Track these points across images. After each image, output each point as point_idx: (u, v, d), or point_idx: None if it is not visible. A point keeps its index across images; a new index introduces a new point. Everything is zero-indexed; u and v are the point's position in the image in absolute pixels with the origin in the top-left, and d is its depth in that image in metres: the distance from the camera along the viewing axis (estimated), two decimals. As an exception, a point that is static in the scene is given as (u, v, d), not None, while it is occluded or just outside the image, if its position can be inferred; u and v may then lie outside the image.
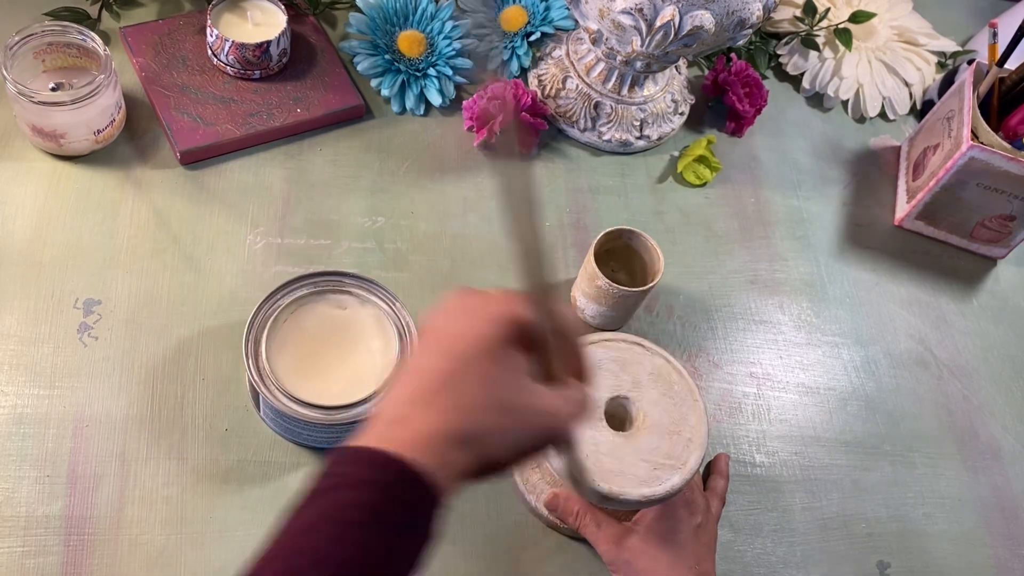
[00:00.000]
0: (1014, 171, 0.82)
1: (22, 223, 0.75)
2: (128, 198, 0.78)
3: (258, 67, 0.84)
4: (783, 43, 1.01)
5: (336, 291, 0.68)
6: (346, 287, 0.69)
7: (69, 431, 0.67)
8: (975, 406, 0.83)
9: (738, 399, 0.79)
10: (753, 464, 0.76)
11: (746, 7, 0.76)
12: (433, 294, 0.79)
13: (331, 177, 0.83)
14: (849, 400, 0.81)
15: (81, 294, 0.73)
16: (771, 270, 0.87)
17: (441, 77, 0.89)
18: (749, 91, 0.93)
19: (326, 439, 0.68)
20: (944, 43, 1.04)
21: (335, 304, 0.68)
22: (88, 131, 0.77)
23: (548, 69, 0.92)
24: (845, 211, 0.93)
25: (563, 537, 0.70)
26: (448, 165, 0.87)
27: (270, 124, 0.83)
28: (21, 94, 0.72)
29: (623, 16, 0.76)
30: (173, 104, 0.82)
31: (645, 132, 0.91)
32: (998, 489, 0.79)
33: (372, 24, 0.88)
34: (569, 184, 0.88)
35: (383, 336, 0.68)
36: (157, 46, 0.85)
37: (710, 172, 0.90)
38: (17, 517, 0.63)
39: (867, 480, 0.77)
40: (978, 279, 0.92)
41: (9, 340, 0.70)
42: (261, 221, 0.79)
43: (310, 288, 0.68)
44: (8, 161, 0.78)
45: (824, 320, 0.86)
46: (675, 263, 0.85)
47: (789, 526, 0.74)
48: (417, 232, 0.82)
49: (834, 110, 1.01)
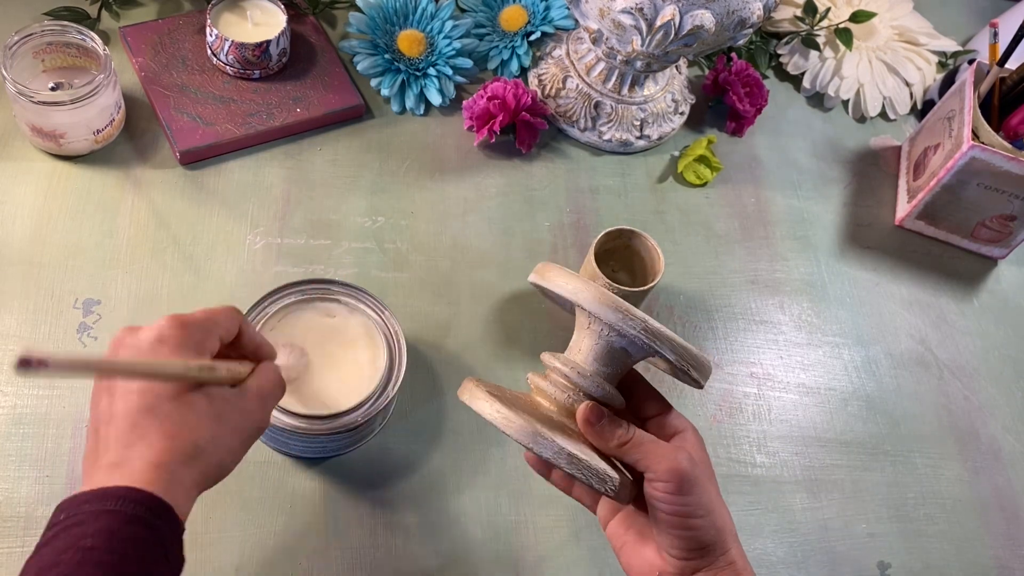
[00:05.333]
0: (1015, 171, 0.82)
1: (22, 223, 0.75)
2: (128, 198, 0.78)
3: (258, 67, 0.84)
4: (783, 43, 1.01)
5: (324, 299, 0.67)
6: (334, 295, 0.68)
7: (69, 431, 0.67)
8: (976, 406, 0.83)
9: (739, 399, 0.79)
10: (754, 464, 0.76)
11: (746, 7, 0.76)
12: (433, 294, 0.79)
13: (331, 177, 0.83)
14: (850, 400, 0.81)
15: (81, 294, 0.73)
16: (771, 270, 0.87)
17: (441, 77, 0.89)
18: (749, 91, 0.93)
19: (313, 449, 0.67)
20: (945, 43, 1.04)
21: (323, 312, 0.67)
22: (88, 131, 0.76)
23: (548, 69, 0.92)
24: (846, 211, 0.93)
25: (563, 538, 0.69)
26: (448, 165, 0.87)
27: (270, 124, 0.83)
28: (21, 94, 0.72)
29: (623, 15, 0.76)
30: (173, 104, 0.82)
31: (645, 132, 0.91)
32: (999, 489, 0.79)
33: (372, 23, 0.88)
34: (569, 184, 0.88)
35: (372, 345, 0.67)
36: (157, 46, 0.85)
37: (710, 172, 0.90)
38: (17, 517, 0.63)
39: (868, 480, 0.77)
40: (979, 279, 0.92)
41: (9, 340, 0.70)
42: (261, 221, 0.79)
43: (298, 296, 0.67)
44: (8, 161, 0.78)
45: (825, 320, 0.85)
46: (675, 263, 0.85)
47: (790, 526, 0.74)
48: (417, 232, 0.82)
49: (835, 110, 1.01)
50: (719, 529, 0.49)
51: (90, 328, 0.71)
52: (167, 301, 0.74)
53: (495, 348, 0.77)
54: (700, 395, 0.79)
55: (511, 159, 0.88)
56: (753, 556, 0.72)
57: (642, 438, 0.50)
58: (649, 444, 0.49)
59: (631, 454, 0.49)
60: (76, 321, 0.72)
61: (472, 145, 0.88)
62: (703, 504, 0.48)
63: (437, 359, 0.75)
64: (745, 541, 0.72)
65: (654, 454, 0.49)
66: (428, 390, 0.74)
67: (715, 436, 0.77)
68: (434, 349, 0.76)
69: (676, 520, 0.48)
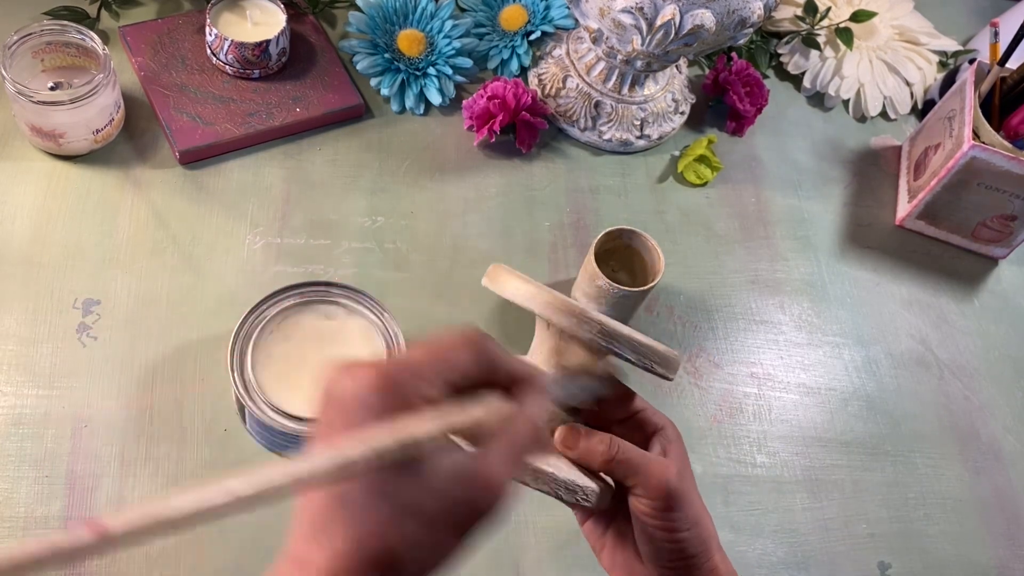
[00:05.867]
0: (1015, 171, 0.82)
1: (21, 223, 0.75)
2: (127, 198, 0.78)
3: (257, 66, 0.84)
4: (784, 42, 1.01)
5: (323, 301, 0.67)
6: (333, 297, 0.68)
7: (68, 431, 0.67)
8: (976, 406, 0.83)
9: (739, 399, 0.79)
10: (754, 464, 0.76)
11: (747, 6, 0.76)
12: (433, 294, 0.79)
13: (331, 177, 0.83)
14: (850, 400, 0.81)
15: (80, 294, 0.73)
16: (772, 270, 0.87)
17: (441, 76, 0.89)
18: (750, 90, 0.93)
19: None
20: (945, 42, 1.04)
21: (322, 315, 0.67)
22: (87, 131, 0.76)
23: (548, 68, 0.92)
24: (846, 211, 0.93)
25: (563, 538, 0.69)
26: (448, 165, 0.86)
27: (269, 123, 0.83)
28: (20, 93, 0.72)
29: (623, 15, 0.76)
30: (172, 103, 0.82)
31: (645, 131, 0.91)
32: (999, 490, 0.79)
33: (372, 23, 0.88)
34: (569, 184, 0.88)
35: (371, 347, 0.66)
36: (156, 45, 0.85)
37: (711, 172, 0.90)
38: (16, 517, 0.63)
39: (868, 480, 0.77)
40: (979, 279, 0.92)
41: (8, 340, 0.70)
42: (261, 221, 0.79)
43: (296, 299, 0.67)
44: (7, 161, 0.78)
45: (825, 320, 0.85)
46: (675, 263, 0.84)
47: (790, 526, 0.74)
48: (417, 232, 0.82)
49: (835, 109, 1.01)
50: (704, 539, 0.48)
51: (89, 328, 0.71)
52: (167, 301, 0.74)
53: (495, 348, 0.77)
54: (700, 395, 0.78)
55: (511, 159, 0.88)
56: (753, 556, 0.72)
57: (627, 453, 0.47)
58: (636, 460, 0.47)
59: (617, 471, 0.48)
60: (76, 321, 0.72)
61: (472, 145, 0.88)
62: (689, 518, 0.47)
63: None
64: (745, 541, 0.72)
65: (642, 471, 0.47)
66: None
67: (715, 436, 0.77)
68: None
69: (662, 535, 0.47)
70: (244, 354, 0.64)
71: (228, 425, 0.69)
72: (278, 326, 0.66)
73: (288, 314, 0.66)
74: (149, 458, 0.67)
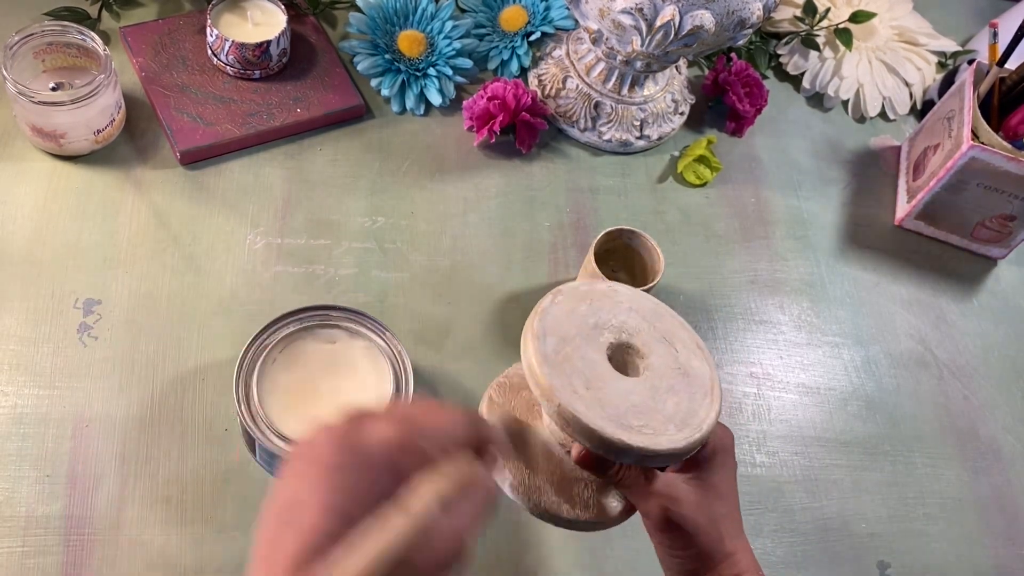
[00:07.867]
0: (1014, 171, 0.82)
1: (22, 223, 0.75)
2: (128, 198, 0.78)
3: (258, 67, 0.84)
4: (783, 43, 1.01)
5: (324, 326, 0.67)
6: (334, 320, 0.67)
7: (69, 431, 0.67)
8: (975, 406, 0.83)
9: (738, 399, 0.79)
10: (753, 464, 0.76)
11: (746, 7, 0.76)
12: (433, 294, 0.79)
13: (331, 177, 0.83)
14: (849, 400, 0.81)
15: (81, 294, 0.73)
16: (771, 270, 0.87)
17: (441, 77, 0.89)
18: (749, 91, 0.93)
19: None
20: (944, 43, 1.04)
21: (324, 339, 0.67)
22: (88, 131, 0.77)
23: (548, 69, 0.92)
24: (845, 211, 0.93)
25: (563, 538, 0.70)
26: (448, 165, 0.87)
27: (270, 124, 0.83)
28: (21, 94, 0.72)
29: (623, 16, 0.76)
30: (173, 104, 0.82)
31: (645, 132, 0.91)
32: (998, 489, 0.79)
33: (372, 24, 0.88)
34: (569, 184, 0.88)
35: (375, 368, 0.66)
36: (157, 46, 0.85)
37: (710, 172, 0.90)
38: (17, 517, 0.63)
39: (867, 480, 0.77)
40: (978, 279, 0.92)
41: (9, 340, 0.70)
42: (261, 221, 0.79)
43: (296, 325, 0.66)
44: (8, 161, 0.78)
45: (824, 320, 0.86)
46: (675, 263, 0.85)
47: (789, 526, 0.74)
48: (417, 232, 0.82)
49: (834, 110, 1.01)
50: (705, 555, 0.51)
51: (90, 328, 0.71)
52: (167, 301, 0.74)
53: (495, 348, 0.77)
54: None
55: (511, 159, 0.88)
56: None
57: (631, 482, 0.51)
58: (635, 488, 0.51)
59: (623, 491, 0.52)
60: (76, 321, 0.72)
61: (472, 145, 0.88)
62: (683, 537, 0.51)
63: (437, 360, 0.75)
64: (745, 541, 0.72)
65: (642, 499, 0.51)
66: (427, 391, 0.74)
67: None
68: (434, 350, 0.76)
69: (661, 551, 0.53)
70: (249, 386, 0.63)
71: (229, 424, 0.69)
72: (280, 354, 0.65)
73: (290, 341, 0.66)
74: (150, 457, 0.67)
